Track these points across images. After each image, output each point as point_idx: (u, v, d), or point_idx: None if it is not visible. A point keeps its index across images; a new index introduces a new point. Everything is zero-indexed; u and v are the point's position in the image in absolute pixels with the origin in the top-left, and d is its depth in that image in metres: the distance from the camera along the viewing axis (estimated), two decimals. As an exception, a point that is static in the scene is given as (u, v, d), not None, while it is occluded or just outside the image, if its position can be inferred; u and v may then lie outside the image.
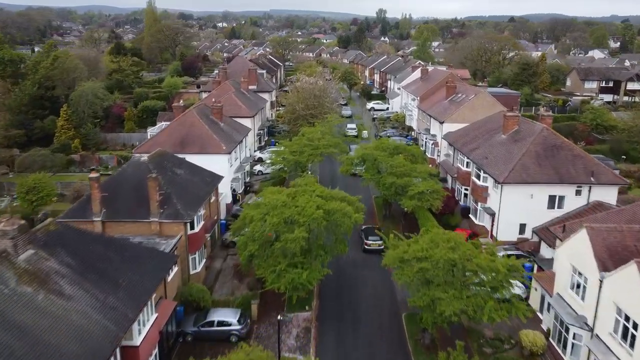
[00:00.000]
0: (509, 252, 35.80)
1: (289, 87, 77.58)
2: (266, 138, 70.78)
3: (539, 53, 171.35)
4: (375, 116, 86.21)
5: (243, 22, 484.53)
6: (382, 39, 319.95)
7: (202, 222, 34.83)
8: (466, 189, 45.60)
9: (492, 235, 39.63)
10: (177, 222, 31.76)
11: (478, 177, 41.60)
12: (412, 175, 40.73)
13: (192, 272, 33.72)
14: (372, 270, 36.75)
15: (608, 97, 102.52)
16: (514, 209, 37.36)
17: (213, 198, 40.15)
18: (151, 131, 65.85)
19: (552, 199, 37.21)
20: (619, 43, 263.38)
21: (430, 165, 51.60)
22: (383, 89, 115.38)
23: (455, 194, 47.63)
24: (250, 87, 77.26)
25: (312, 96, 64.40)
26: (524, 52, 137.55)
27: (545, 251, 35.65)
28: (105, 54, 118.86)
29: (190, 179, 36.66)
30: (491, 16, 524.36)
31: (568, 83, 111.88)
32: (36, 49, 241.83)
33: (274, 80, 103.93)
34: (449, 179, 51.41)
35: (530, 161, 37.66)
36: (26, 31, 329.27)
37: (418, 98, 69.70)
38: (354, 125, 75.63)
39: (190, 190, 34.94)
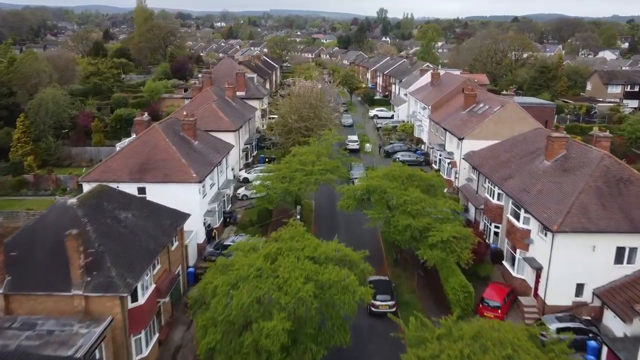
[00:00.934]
0: (564, 325, 26.72)
1: (282, 91, 68.44)
2: (255, 152, 61.59)
3: (548, 54, 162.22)
4: (379, 125, 77.00)
5: (241, 21, 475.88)
6: (383, 39, 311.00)
7: (151, 288, 25.70)
8: (497, 227, 36.47)
9: (536, 294, 30.49)
10: (109, 295, 22.63)
11: (516, 216, 32.41)
12: (432, 214, 31.62)
13: (135, 358, 24.58)
14: (381, 343, 27.64)
15: (633, 103, 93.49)
16: (570, 264, 28.19)
17: (175, 244, 31.04)
18: (120, 145, 56.82)
19: (620, 251, 28.05)
20: (627, 43, 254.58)
21: (447, 190, 42.52)
22: (387, 93, 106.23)
23: (482, 230, 38.49)
24: (239, 93, 68.18)
25: (308, 105, 55.23)
26: (537, 52, 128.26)
27: (612, 323, 26.47)
28: (84, 55, 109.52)
29: (140, 225, 27.46)
30: (492, 16, 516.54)
31: (588, 87, 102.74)
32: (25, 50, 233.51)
33: (267, 85, 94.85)
34: (471, 208, 42.25)
35: (591, 201, 28.47)
36: (18, 31, 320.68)
37: (429, 107, 60.57)
38: (355, 137, 66.50)
39: (136, 244, 25.75)
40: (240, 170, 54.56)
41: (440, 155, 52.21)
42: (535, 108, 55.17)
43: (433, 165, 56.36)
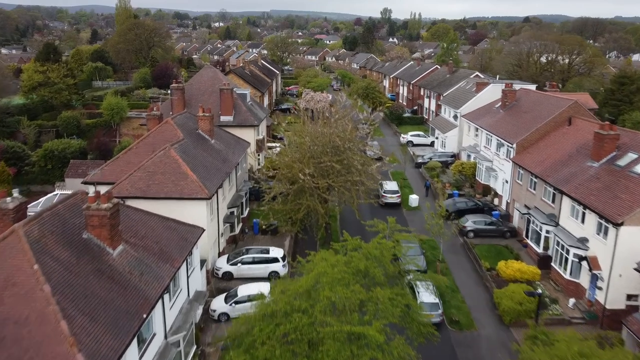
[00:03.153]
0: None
1: (284, 132, 47.33)
2: (246, 210, 40.10)
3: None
4: (421, 161, 55.49)
5: (240, 21, 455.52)
6: (390, 40, 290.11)
7: None
8: None
9: None
10: None
11: None
12: None
13: None
14: None
15: None
16: None
17: None
18: (33, 208, 35.74)
19: None
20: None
21: (572, 303, 21.80)
22: (415, 108, 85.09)
23: None
24: (224, 118, 47.06)
25: (329, 148, 33.83)
26: (600, 58, 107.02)
27: None
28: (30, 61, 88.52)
29: None
30: (493, 17, 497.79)
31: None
32: (3, 51, 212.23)
33: (265, 100, 73.71)
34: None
35: None
36: (1, 30, 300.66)
37: (513, 145, 39.36)
38: (394, 186, 45.05)
39: None
40: (219, 256, 33.34)
41: (564, 245, 30.53)
42: None
43: (527, 241, 35.21)
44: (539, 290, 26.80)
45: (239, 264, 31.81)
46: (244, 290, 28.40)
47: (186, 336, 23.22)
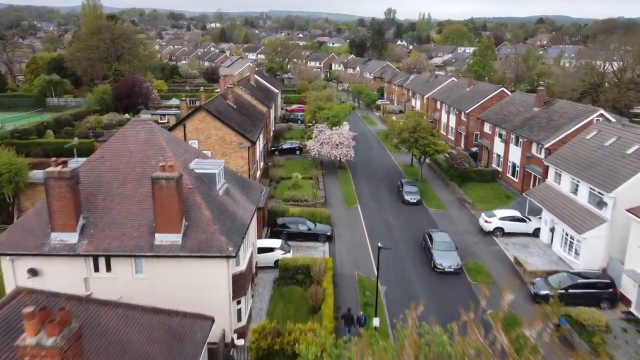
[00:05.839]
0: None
1: None
2: None
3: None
4: (540, 288, 29.40)
5: (237, 22, 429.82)
6: (398, 42, 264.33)
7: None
8: None
9: None
10: None
11: None
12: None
13: None
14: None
15: None
16: None
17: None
18: None
19: None
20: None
21: None
22: (474, 149, 59.53)
23: None
24: (162, 238, 21.43)
25: None
26: None
27: None
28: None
29: None
30: (494, 17, 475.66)
31: None
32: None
33: (259, 148, 48.19)
34: None
35: None
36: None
37: None
38: None
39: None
40: None
41: None
42: None
43: None
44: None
45: None
46: None
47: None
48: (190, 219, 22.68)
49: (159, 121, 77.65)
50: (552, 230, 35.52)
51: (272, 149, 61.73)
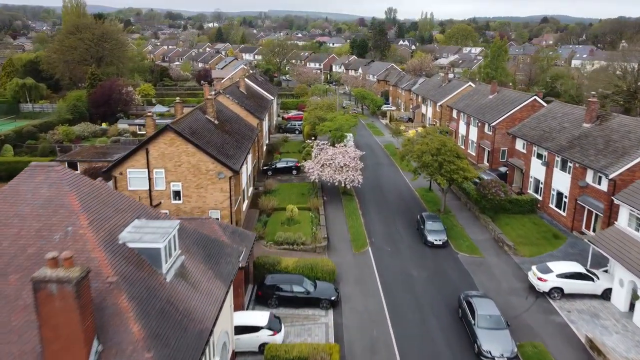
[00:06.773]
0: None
1: None
2: None
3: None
4: None
5: (235, 21, 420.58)
6: (400, 42, 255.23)
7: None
8: None
9: None
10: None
11: None
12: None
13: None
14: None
15: None
16: None
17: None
18: None
19: None
20: None
21: None
22: (504, 169, 50.42)
23: None
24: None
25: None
26: None
27: None
28: None
29: None
30: (495, 17, 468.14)
31: None
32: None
33: (244, 179, 39.08)
34: None
35: None
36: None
37: None
38: None
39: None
40: None
41: None
42: None
43: None
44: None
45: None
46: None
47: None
48: (108, 339, 13.56)
49: (138, 132, 68.47)
50: (636, 297, 26.40)
51: (264, 168, 52.56)
